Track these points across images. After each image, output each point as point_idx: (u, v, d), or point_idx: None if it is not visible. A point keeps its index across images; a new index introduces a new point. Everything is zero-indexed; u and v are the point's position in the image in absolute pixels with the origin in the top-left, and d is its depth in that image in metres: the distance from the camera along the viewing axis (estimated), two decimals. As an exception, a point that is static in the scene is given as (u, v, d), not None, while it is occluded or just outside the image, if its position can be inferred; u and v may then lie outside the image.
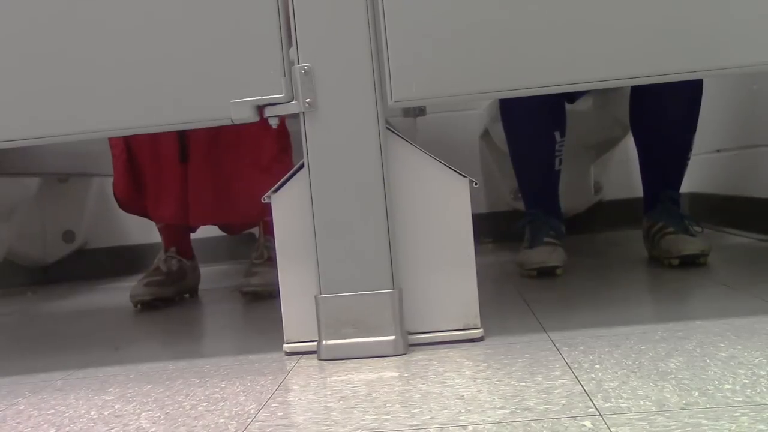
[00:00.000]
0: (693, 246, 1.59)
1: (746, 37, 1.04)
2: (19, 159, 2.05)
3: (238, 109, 1.09)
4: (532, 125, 1.80)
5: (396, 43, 1.07)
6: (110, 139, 1.86)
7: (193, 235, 2.03)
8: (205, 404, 0.91)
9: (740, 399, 0.73)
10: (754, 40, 1.03)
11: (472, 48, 1.06)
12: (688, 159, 1.75)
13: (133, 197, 1.87)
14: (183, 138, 1.78)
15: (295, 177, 1.13)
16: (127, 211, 1.92)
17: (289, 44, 1.09)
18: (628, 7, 1.04)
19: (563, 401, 0.78)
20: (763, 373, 0.81)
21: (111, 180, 1.91)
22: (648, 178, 1.81)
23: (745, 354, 0.89)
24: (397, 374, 0.96)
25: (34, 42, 1.12)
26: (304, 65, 1.07)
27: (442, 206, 1.11)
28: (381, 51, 1.08)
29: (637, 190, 1.92)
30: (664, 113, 1.71)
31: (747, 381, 0.79)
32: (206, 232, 2.13)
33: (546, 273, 1.68)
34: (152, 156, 1.82)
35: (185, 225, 1.89)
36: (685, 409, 0.72)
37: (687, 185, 1.86)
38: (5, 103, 1.13)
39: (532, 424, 0.72)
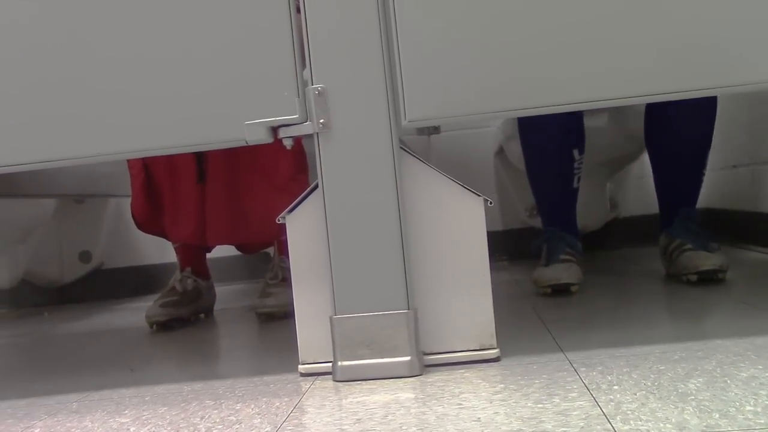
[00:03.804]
0: (711, 261, 1.58)
1: (762, 53, 1.03)
2: (36, 180, 2.07)
3: (252, 131, 1.09)
4: (551, 143, 1.79)
5: (409, 64, 1.07)
6: (128, 160, 1.87)
7: (208, 255, 2.04)
8: (220, 427, 0.90)
9: (762, 421, 0.72)
10: (769, 56, 1.03)
11: (485, 67, 1.06)
12: (704, 174, 1.74)
13: (151, 217, 1.88)
14: (200, 158, 1.79)
15: (309, 197, 1.13)
16: (144, 230, 1.93)
17: (303, 65, 1.10)
18: (643, 25, 1.04)
19: (581, 423, 0.77)
20: (785, 394, 0.80)
21: (127, 201, 1.92)
22: (663, 195, 1.80)
23: (767, 374, 0.88)
24: (412, 396, 0.96)
25: (53, 66, 1.13)
26: (318, 86, 1.08)
27: (457, 225, 1.10)
28: (395, 71, 1.08)
29: (652, 206, 1.91)
30: (679, 129, 1.70)
31: (769, 402, 0.77)
32: (221, 251, 2.14)
33: (560, 290, 1.67)
34: (170, 176, 1.84)
35: (202, 245, 1.90)
36: (705, 431, 0.70)
37: (704, 201, 1.85)
38: (23, 127, 1.14)
39: (550, 447, 0.71)
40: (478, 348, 1.10)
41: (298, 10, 1.09)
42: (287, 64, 1.09)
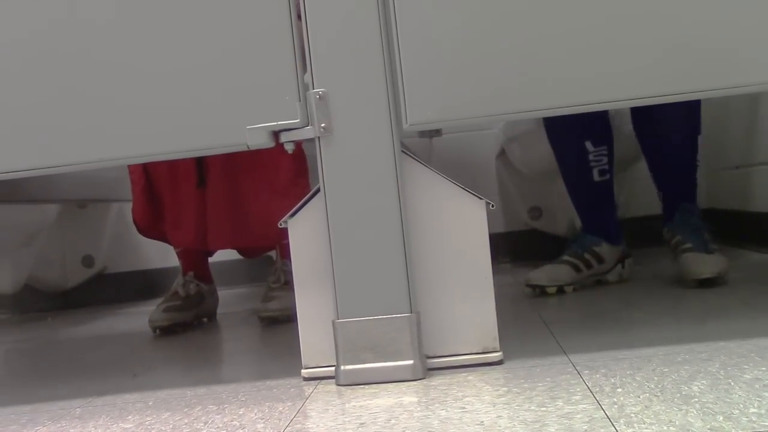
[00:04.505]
0: (710, 269, 1.55)
1: (764, 55, 1.03)
2: (38, 186, 2.07)
3: (253, 135, 1.09)
4: (559, 137, 1.80)
5: (410, 67, 1.07)
6: (128, 166, 1.87)
7: (210, 259, 2.04)
8: (223, 432, 0.91)
9: (766, 423, 0.71)
10: (771, 57, 1.03)
11: (486, 70, 1.06)
12: (698, 162, 1.73)
13: (152, 222, 1.88)
14: (200, 163, 1.79)
15: (311, 201, 1.13)
16: (146, 236, 1.93)
17: (304, 70, 1.10)
18: (643, 28, 1.04)
19: (585, 427, 0.77)
20: (789, 396, 0.80)
21: (130, 205, 1.92)
22: (662, 187, 1.79)
23: (771, 376, 0.88)
24: (416, 399, 0.95)
25: (57, 74, 1.13)
26: (319, 90, 1.08)
27: (459, 228, 1.10)
28: (395, 75, 1.08)
29: (655, 207, 1.90)
30: (664, 117, 1.69)
31: (773, 404, 0.77)
32: (223, 255, 2.14)
33: (542, 292, 1.71)
34: (170, 181, 1.84)
35: (204, 249, 1.90)
36: (709, 434, 0.70)
37: (707, 202, 1.84)
38: (26, 133, 1.14)
39: (554, 451, 0.71)
40: (481, 351, 1.10)
41: (299, 17, 1.09)
42: (288, 68, 1.09)
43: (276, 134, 1.10)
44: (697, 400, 0.81)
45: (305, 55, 1.09)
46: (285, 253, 1.88)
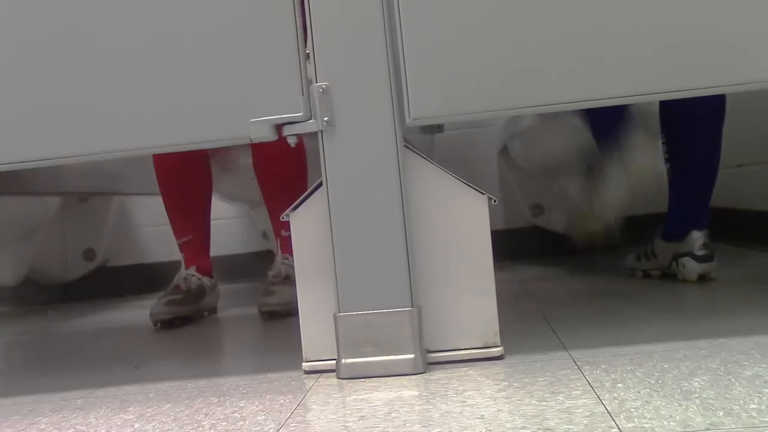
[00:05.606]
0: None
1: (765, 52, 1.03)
2: (40, 179, 2.07)
3: (256, 128, 1.10)
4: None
5: (414, 62, 1.07)
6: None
7: (211, 253, 2.04)
8: (224, 424, 0.91)
9: (767, 419, 0.72)
10: (774, 54, 1.03)
11: (490, 65, 1.06)
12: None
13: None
14: None
15: (313, 195, 1.13)
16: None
17: (307, 63, 1.10)
18: (647, 24, 1.04)
19: (585, 421, 0.77)
20: (789, 392, 0.80)
21: (131, 198, 1.92)
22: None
23: (771, 373, 0.88)
24: (416, 393, 0.96)
25: (57, 64, 1.13)
26: (322, 84, 1.08)
27: (461, 223, 1.10)
28: (399, 69, 1.08)
29: (656, 206, 1.90)
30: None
31: (773, 400, 0.77)
32: (224, 250, 2.14)
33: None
34: None
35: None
36: (709, 429, 0.70)
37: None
38: (27, 125, 1.14)
39: (554, 444, 0.71)
40: (481, 346, 1.10)
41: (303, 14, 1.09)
42: (292, 62, 1.09)
43: (279, 127, 1.10)
44: (697, 395, 0.82)
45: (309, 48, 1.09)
46: (286, 248, 1.88)
